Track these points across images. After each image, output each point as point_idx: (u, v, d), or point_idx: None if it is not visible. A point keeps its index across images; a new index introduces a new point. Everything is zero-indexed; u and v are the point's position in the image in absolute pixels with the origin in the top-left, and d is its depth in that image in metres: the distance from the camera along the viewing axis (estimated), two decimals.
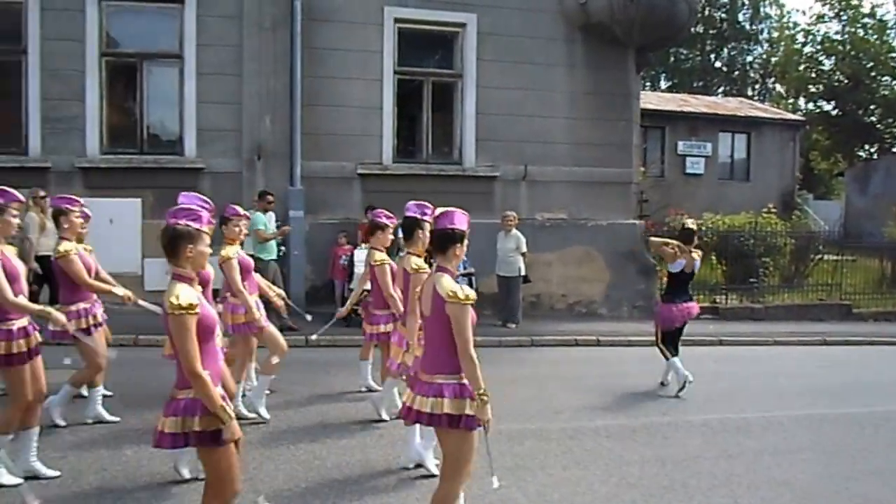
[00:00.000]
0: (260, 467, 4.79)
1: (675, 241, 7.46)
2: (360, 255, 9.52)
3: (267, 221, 9.49)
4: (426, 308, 3.47)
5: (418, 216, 4.89)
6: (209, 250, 3.29)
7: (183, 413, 3.05)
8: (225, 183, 10.39)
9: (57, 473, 4.49)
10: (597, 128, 11.62)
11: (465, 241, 3.52)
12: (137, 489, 4.39)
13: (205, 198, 3.78)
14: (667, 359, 7.45)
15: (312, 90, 10.57)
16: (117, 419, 5.65)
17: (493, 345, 9.33)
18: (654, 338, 7.75)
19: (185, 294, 3.02)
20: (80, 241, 5.72)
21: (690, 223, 7.65)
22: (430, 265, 3.83)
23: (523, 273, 10.39)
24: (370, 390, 6.73)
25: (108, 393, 6.00)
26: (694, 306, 7.55)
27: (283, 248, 9.91)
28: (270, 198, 9.66)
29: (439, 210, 3.60)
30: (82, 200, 5.79)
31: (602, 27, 11.33)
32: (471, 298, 3.33)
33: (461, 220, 3.50)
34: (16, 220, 4.50)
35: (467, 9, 11.08)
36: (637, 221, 12.35)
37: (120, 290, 5.43)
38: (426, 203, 4.95)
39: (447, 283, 3.34)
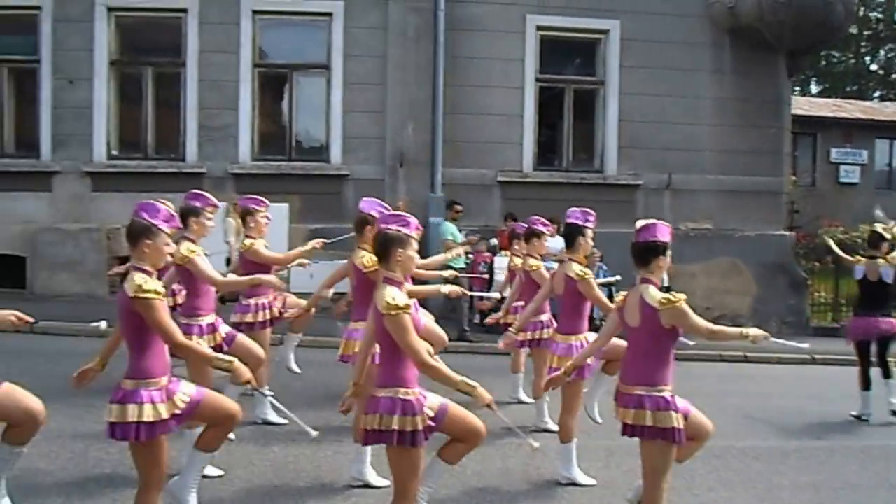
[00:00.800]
0: None
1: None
2: (500, 262, 10.13)
3: (455, 231, 10.11)
4: (633, 320, 3.65)
5: (581, 223, 5.08)
6: (417, 256, 3.60)
7: (383, 411, 3.29)
8: (368, 189, 11.07)
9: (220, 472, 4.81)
10: (745, 135, 11.80)
11: (668, 253, 3.69)
12: (284, 486, 4.74)
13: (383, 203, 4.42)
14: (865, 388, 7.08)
15: (454, 98, 11.25)
16: (285, 421, 5.82)
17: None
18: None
19: (399, 295, 3.30)
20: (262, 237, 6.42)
21: (880, 227, 7.34)
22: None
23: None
24: (520, 402, 6.93)
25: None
26: (886, 321, 7.02)
27: (470, 255, 10.59)
28: (459, 207, 10.25)
29: (641, 222, 3.77)
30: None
31: (751, 30, 11.56)
32: (682, 300, 3.53)
33: (664, 232, 3.67)
34: (211, 223, 5.06)
35: (610, 15, 11.51)
36: (787, 233, 12.40)
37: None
38: (590, 210, 5.16)
39: (654, 293, 3.54)
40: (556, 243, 8.56)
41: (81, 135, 11.10)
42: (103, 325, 4.94)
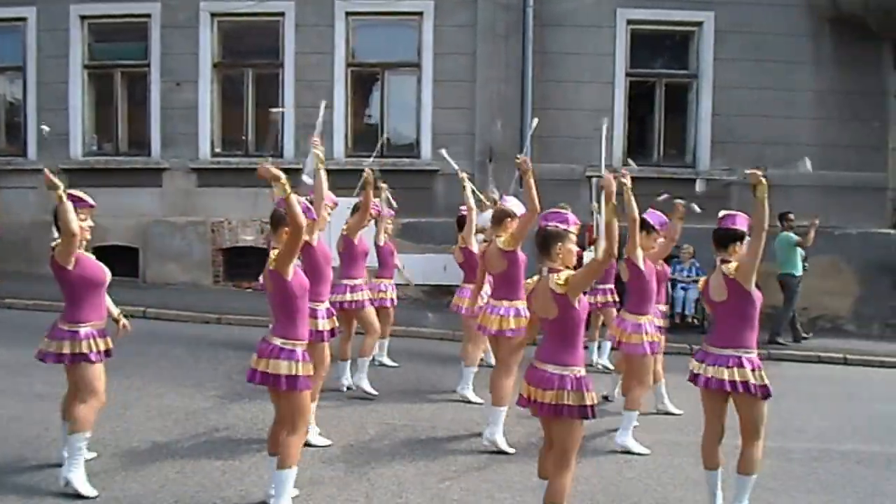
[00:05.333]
0: None
1: None
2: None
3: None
4: (719, 295, 4.44)
5: (653, 223, 6.13)
6: (576, 248, 4.18)
7: (559, 387, 3.82)
8: (457, 184, 11.87)
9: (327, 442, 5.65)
10: (846, 129, 11.91)
11: (745, 240, 4.49)
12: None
13: None
14: None
15: (543, 94, 11.87)
16: (376, 393, 7.01)
17: None
18: None
19: (564, 274, 3.92)
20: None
21: None
22: None
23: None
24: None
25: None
26: None
27: (806, 264, 11.10)
28: (792, 216, 10.81)
29: (723, 212, 4.65)
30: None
31: (854, 20, 11.65)
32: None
33: (742, 223, 4.54)
34: (328, 217, 5.98)
35: (704, 6, 11.87)
36: (893, 231, 12.43)
37: None
38: (662, 214, 6.06)
39: (730, 266, 4.38)
40: None
41: (188, 134, 12.37)
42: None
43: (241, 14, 12.26)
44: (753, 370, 4.31)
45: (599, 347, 8.82)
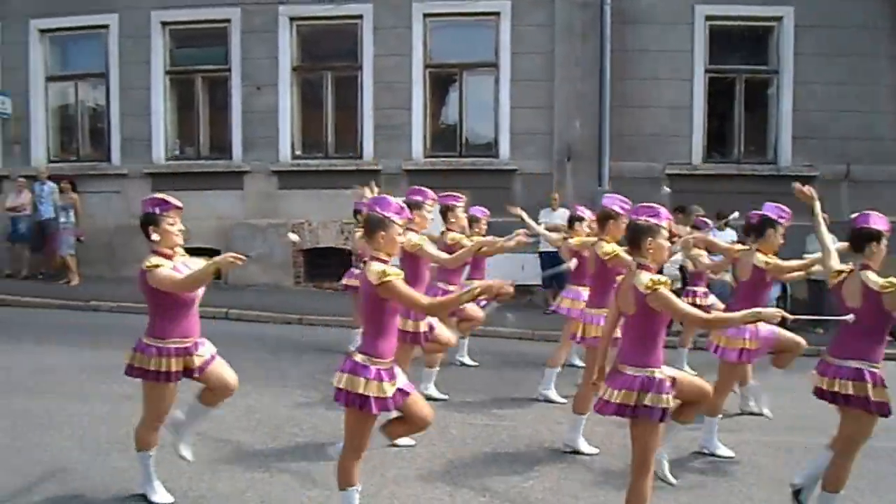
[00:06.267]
0: None
1: None
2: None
3: None
4: (853, 301, 4.23)
5: (774, 217, 5.83)
6: (667, 244, 4.08)
7: (638, 388, 3.83)
8: (536, 183, 12.12)
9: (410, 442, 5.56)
10: None
11: (883, 240, 4.27)
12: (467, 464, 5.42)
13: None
14: None
15: (621, 92, 11.98)
16: (445, 396, 7.02)
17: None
18: None
19: (656, 278, 3.84)
20: (462, 231, 7.37)
21: None
22: None
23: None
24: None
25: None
26: None
27: None
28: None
29: (856, 214, 4.42)
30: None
31: None
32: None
33: (876, 221, 4.28)
34: (430, 216, 6.03)
35: (783, 1, 11.90)
36: None
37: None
38: (783, 206, 5.87)
39: (876, 278, 4.14)
40: (725, 237, 9.20)
41: (268, 137, 12.68)
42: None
43: (319, 17, 12.57)
44: (875, 386, 4.15)
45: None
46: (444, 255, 6.19)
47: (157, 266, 4.14)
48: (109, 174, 13.19)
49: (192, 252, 12.41)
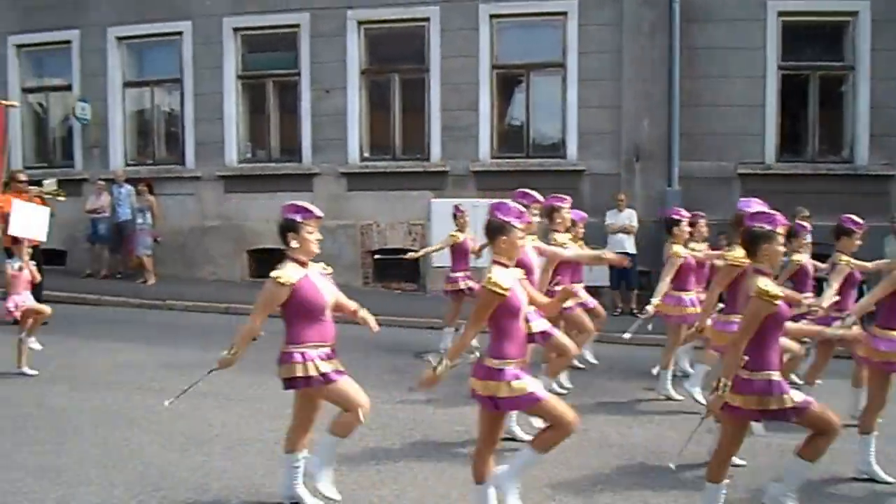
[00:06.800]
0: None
1: None
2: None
3: None
4: None
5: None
6: (783, 249, 4.09)
7: (759, 392, 3.89)
8: (603, 184, 12.11)
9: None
10: None
11: None
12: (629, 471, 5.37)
13: None
14: None
15: (691, 91, 11.88)
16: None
17: None
18: None
19: (771, 285, 3.85)
20: (567, 231, 7.52)
21: None
22: None
23: None
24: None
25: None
26: None
27: None
28: None
29: None
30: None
31: None
32: None
33: None
34: (536, 220, 5.91)
35: None
36: None
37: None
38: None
39: None
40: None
41: (337, 139, 12.95)
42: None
43: (386, 21, 12.78)
44: None
45: None
46: (568, 253, 6.42)
47: (279, 280, 4.16)
48: (184, 177, 13.63)
49: (264, 253, 12.80)
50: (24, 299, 7.40)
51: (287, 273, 4.20)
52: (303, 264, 4.31)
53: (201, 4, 13.32)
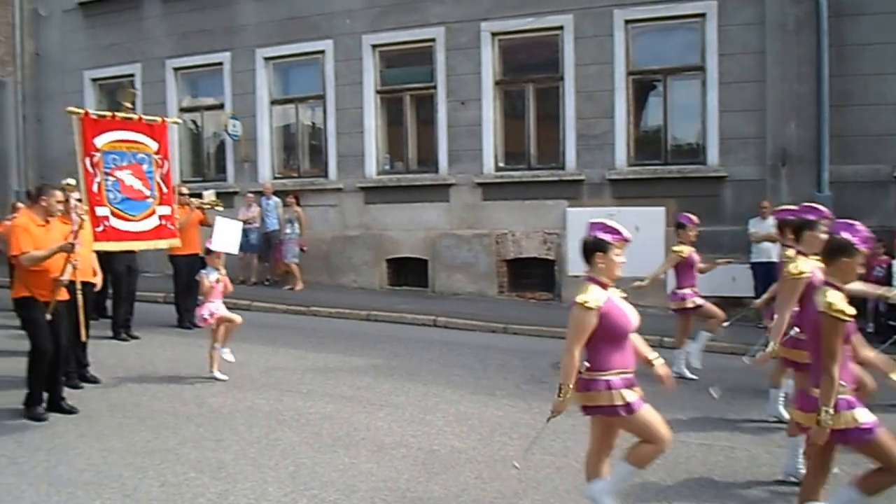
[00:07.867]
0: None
1: None
2: None
3: None
4: None
5: None
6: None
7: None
8: (747, 191, 11.79)
9: None
10: None
11: None
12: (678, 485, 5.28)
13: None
14: None
15: (841, 90, 11.35)
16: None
17: None
18: None
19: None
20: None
21: None
22: None
23: None
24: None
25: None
26: None
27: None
28: None
29: None
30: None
31: None
32: None
33: None
34: (825, 237, 4.88)
35: None
36: None
37: None
38: None
39: None
40: None
41: (472, 150, 13.26)
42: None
43: (520, 31, 12.94)
44: None
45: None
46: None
47: (586, 304, 4.01)
48: (327, 189, 14.37)
49: (401, 262, 13.33)
50: (217, 308, 8.00)
51: (593, 296, 4.03)
52: (604, 287, 4.14)
53: (342, 24, 14.01)
